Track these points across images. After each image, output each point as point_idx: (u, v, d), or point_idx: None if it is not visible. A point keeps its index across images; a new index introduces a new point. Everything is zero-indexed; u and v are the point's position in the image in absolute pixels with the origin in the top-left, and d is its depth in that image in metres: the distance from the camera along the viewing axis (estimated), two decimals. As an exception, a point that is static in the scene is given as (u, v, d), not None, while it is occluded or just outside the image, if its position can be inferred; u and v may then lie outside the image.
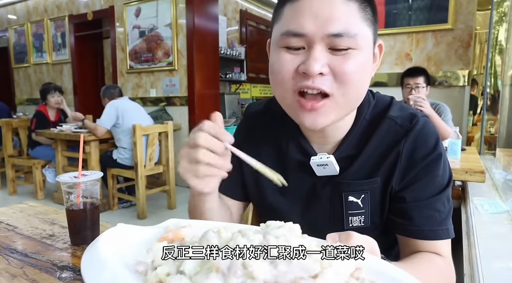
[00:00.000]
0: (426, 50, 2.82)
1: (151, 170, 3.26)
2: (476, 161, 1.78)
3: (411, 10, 2.81)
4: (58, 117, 3.94)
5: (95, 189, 0.82)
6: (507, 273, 0.90)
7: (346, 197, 0.69)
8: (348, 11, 0.56)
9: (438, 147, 0.66)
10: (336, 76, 0.57)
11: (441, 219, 0.66)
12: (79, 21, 4.96)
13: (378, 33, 0.68)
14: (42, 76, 5.60)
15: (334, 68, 0.57)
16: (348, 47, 0.57)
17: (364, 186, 0.68)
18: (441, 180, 0.66)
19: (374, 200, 0.69)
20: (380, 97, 0.73)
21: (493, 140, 2.55)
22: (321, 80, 0.57)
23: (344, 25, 0.56)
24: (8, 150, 3.89)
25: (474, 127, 2.60)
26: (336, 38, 0.56)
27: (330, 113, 0.60)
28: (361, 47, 0.58)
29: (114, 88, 3.43)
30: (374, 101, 0.71)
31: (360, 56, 0.58)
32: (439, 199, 0.66)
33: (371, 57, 0.62)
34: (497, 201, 1.50)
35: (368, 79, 0.62)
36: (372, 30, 0.61)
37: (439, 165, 0.65)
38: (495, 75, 2.50)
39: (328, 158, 0.67)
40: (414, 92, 2.31)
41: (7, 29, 5.92)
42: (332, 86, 0.58)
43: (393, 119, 0.68)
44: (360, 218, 0.69)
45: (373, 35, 0.62)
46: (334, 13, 0.56)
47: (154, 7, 4.09)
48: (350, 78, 0.57)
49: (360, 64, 0.58)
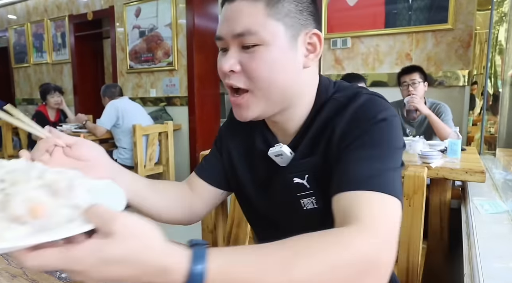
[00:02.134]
0: (426, 50, 2.82)
1: (151, 170, 3.26)
2: (476, 161, 1.78)
3: (411, 10, 2.81)
4: (58, 118, 3.94)
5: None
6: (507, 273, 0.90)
7: (291, 179, 0.69)
8: (252, 11, 0.61)
9: (376, 121, 0.61)
10: (246, 73, 0.63)
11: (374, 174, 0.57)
12: (79, 21, 4.96)
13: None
14: (42, 76, 5.60)
15: (244, 66, 0.63)
16: (255, 44, 0.61)
17: (303, 165, 0.68)
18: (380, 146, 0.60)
19: (319, 180, 0.67)
20: (344, 87, 0.71)
21: (493, 141, 2.54)
22: (234, 78, 0.64)
23: (245, 24, 0.61)
24: (8, 150, 3.89)
25: (474, 127, 2.60)
26: (241, 38, 0.62)
27: (253, 107, 0.65)
28: (269, 42, 0.61)
29: (114, 88, 3.43)
30: (333, 90, 0.71)
31: (268, 52, 0.62)
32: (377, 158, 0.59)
33: (289, 50, 0.63)
34: (497, 201, 1.50)
35: (290, 70, 0.64)
36: (287, 23, 0.63)
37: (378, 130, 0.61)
38: (495, 75, 2.50)
39: (281, 148, 0.69)
40: (411, 88, 2.32)
41: (7, 29, 5.92)
42: (246, 82, 0.64)
43: (336, 99, 0.68)
44: (312, 200, 0.69)
45: (290, 28, 0.63)
46: (238, 15, 0.62)
47: (154, 7, 4.09)
48: (258, 74, 0.62)
49: (268, 60, 0.62)
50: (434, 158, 1.70)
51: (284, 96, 0.66)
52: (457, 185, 2.08)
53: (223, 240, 1.12)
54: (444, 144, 1.99)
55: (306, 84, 0.69)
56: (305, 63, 0.66)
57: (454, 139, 1.84)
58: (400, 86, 2.43)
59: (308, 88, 0.69)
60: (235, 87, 0.65)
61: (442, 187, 1.78)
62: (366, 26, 2.99)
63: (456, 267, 1.63)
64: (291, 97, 0.67)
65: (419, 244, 0.94)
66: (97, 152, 0.67)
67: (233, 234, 1.06)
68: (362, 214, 0.52)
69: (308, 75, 0.68)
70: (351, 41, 3.09)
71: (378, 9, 2.92)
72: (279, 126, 0.72)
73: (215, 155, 0.85)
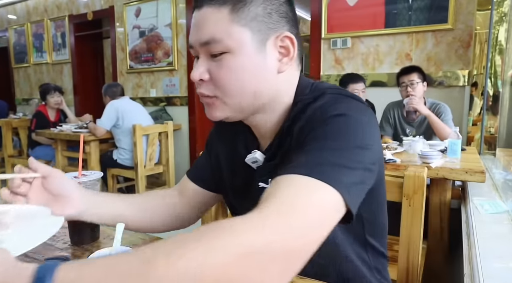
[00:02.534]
0: (426, 50, 2.82)
1: (151, 170, 3.26)
2: (476, 161, 1.78)
3: (411, 10, 2.81)
4: (58, 118, 3.94)
5: (95, 189, 0.82)
6: (507, 273, 0.90)
7: (257, 185, 0.69)
8: (216, 18, 0.59)
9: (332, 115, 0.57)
10: (214, 82, 0.62)
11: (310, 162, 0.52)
12: (79, 21, 4.96)
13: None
14: (42, 76, 5.60)
15: (212, 75, 0.62)
16: (222, 52, 0.60)
17: (266, 169, 0.68)
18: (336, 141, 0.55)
19: None
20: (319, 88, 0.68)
21: (493, 141, 2.54)
22: (203, 86, 0.63)
23: (210, 32, 0.59)
24: (8, 150, 3.89)
25: (474, 127, 2.60)
26: (207, 46, 0.60)
27: (223, 110, 0.64)
28: (235, 49, 0.59)
29: (116, 87, 3.41)
30: (308, 91, 0.68)
31: (235, 59, 0.60)
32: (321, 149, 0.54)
33: (257, 56, 0.61)
34: (497, 201, 1.50)
35: (260, 76, 0.62)
36: (253, 28, 0.60)
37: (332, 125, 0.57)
38: (495, 75, 2.50)
39: (255, 154, 0.69)
40: (410, 89, 2.32)
41: (7, 29, 5.92)
42: (213, 90, 0.63)
43: (302, 101, 0.65)
44: None
45: (257, 33, 0.60)
46: (204, 22, 0.60)
47: (154, 7, 4.09)
48: (225, 83, 0.61)
49: (236, 67, 0.60)
50: (434, 158, 1.70)
51: (255, 102, 0.64)
52: (457, 185, 2.08)
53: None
54: (444, 143, 1.99)
55: (281, 89, 0.66)
56: (279, 68, 0.64)
57: (454, 139, 1.84)
58: (399, 87, 2.43)
59: (285, 92, 0.67)
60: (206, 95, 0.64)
61: (442, 187, 1.78)
62: (366, 26, 2.99)
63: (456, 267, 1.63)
64: (265, 102, 0.65)
65: (419, 244, 0.94)
66: (69, 185, 0.70)
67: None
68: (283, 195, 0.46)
69: (284, 79, 0.65)
70: (351, 41, 3.09)
71: (378, 9, 2.92)
72: (258, 129, 0.72)
73: (206, 157, 0.85)
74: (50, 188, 0.69)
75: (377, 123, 0.64)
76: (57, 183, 0.70)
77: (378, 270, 0.73)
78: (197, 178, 0.84)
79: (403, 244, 0.95)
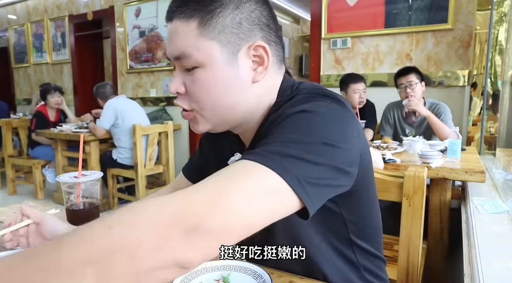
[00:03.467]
0: (426, 50, 2.82)
1: (151, 169, 3.26)
2: (476, 161, 1.78)
3: (411, 10, 2.81)
4: (58, 118, 3.94)
5: (95, 189, 0.82)
6: (507, 273, 0.90)
7: None
8: (185, 32, 0.58)
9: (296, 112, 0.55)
10: (189, 95, 0.62)
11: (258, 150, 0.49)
12: (79, 21, 4.96)
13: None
14: (42, 76, 5.60)
15: (187, 88, 0.62)
16: (193, 66, 0.59)
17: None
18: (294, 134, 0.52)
19: None
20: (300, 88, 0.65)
21: (493, 141, 2.54)
22: (180, 99, 0.63)
23: (180, 47, 0.59)
24: (8, 150, 3.89)
25: (474, 127, 2.60)
26: (178, 61, 0.60)
27: (203, 123, 0.64)
28: (205, 64, 0.59)
29: (103, 87, 3.37)
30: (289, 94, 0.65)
31: (206, 74, 0.59)
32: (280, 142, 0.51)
33: (228, 69, 0.59)
34: (497, 201, 1.50)
35: (232, 90, 0.60)
36: (221, 41, 0.58)
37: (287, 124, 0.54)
38: (495, 75, 2.50)
39: (236, 157, 0.69)
40: (409, 90, 2.32)
41: (7, 29, 5.92)
42: (190, 104, 0.63)
43: (277, 103, 0.64)
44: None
45: (227, 46, 0.58)
46: (174, 37, 0.60)
47: (154, 7, 4.09)
48: (198, 97, 0.61)
49: (207, 82, 0.59)
50: (434, 158, 1.70)
51: (234, 114, 0.63)
52: (457, 185, 2.08)
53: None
54: (444, 144, 1.99)
55: (260, 97, 0.64)
56: (254, 78, 0.62)
57: (454, 139, 1.84)
58: (398, 88, 2.43)
59: (265, 98, 0.65)
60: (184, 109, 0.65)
61: (442, 187, 1.78)
62: (366, 26, 2.99)
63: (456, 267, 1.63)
64: (245, 112, 0.64)
65: (419, 244, 0.94)
66: (59, 230, 0.72)
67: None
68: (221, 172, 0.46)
69: (261, 88, 0.63)
70: (351, 41, 3.09)
71: (378, 9, 2.92)
72: (243, 136, 0.72)
73: (199, 155, 0.87)
74: (43, 233, 0.73)
75: (356, 125, 0.59)
76: (49, 229, 0.72)
77: (369, 270, 0.73)
78: (190, 175, 0.86)
79: (403, 244, 0.95)
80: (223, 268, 0.66)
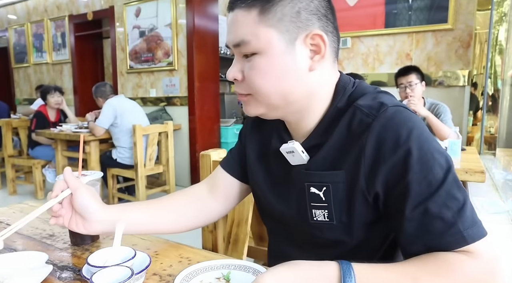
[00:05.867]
0: (426, 50, 2.82)
1: (151, 169, 3.26)
2: (476, 161, 1.78)
3: (411, 10, 2.81)
4: (58, 118, 3.94)
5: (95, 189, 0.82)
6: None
7: (308, 188, 0.67)
8: (246, 20, 0.62)
9: (411, 138, 0.57)
10: (247, 81, 0.65)
11: (448, 223, 0.55)
12: (79, 21, 4.96)
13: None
14: (42, 76, 5.60)
15: (244, 74, 0.65)
16: (252, 53, 0.62)
17: (325, 177, 0.65)
18: (428, 176, 0.56)
19: (339, 195, 0.64)
20: (363, 87, 0.69)
21: (493, 140, 2.54)
22: (238, 85, 0.67)
23: (239, 34, 0.62)
24: (8, 150, 3.89)
25: (474, 127, 2.60)
26: (238, 48, 0.63)
27: (257, 107, 0.67)
28: (264, 50, 0.61)
29: (104, 86, 3.40)
30: (352, 89, 0.68)
31: (264, 60, 0.62)
32: (435, 200, 0.55)
33: (286, 56, 0.62)
34: (497, 201, 1.50)
35: (289, 78, 0.63)
36: (280, 28, 0.61)
37: (418, 159, 0.57)
38: (495, 75, 2.50)
39: (293, 145, 0.68)
40: (409, 90, 2.32)
41: (7, 29, 5.92)
42: (247, 89, 0.66)
43: (359, 108, 0.63)
44: (324, 213, 0.66)
45: (285, 34, 0.61)
46: (235, 24, 0.63)
47: (154, 7, 4.09)
48: (255, 83, 0.63)
49: (265, 68, 0.62)
50: (434, 158, 1.70)
51: (288, 101, 0.65)
52: (457, 185, 2.07)
53: (223, 240, 1.12)
54: (444, 144, 1.99)
55: (316, 87, 0.65)
56: (311, 66, 0.63)
57: (454, 140, 1.84)
58: (398, 88, 2.43)
59: (320, 90, 0.66)
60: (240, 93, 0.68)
61: (442, 187, 1.77)
62: (366, 26, 2.99)
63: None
64: (298, 101, 0.65)
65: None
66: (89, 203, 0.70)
67: (233, 234, 1.06)
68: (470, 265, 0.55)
69: (317, 77, 0.65)
70: (351, 41, 3.09)
71: (378, 9, 2.92)
72: (292, 126, 0.72)
73: (239, 148, 0.86)
74: (73, 205, 0.70)
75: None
76: (78, 204, 0.69)
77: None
78: (229, 168, 0.84)
79: (403, 244, 0.95)
80: (222, 266, 0.66)
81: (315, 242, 0.70)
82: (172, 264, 0.71)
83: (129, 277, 0.56)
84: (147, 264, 0.62)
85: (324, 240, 0.68)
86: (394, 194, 0.59)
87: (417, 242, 0.57)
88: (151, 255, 0.72)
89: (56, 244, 0.80)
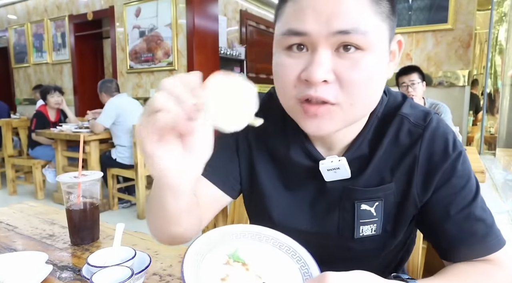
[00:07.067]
0: (426, 50, 2.83)
1: (151, 170, 3.26)
2: (476, 161, 1.77)
3: (411, 10, 2.81)
4: (58, 118, 3.94)
5: (95, 189, 0.82)
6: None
7: (358, 206, 0.61)
8: (357, 5, 0.48)
9: (457, 144, 0.58)
10: (343, 84, 0.50)
11: (488, 227, 0.59)
12: (79, 21, 4.96)
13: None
14: (42, 76, 5.60)
15: (340, 75, 0.49)
16: (358, 47, 0.49)
17: (379, 192, 0.60)
18: (470, 181, 0.59)
19: (388, 207, 0.61)
20: (393, 93, 0.65)
21: (493, 141, 2.54)
22: (325, 89, 0.49)
23: (352, 20, 0.47)
24: (8, 150, 3.89)
25: (474, 127, 2.60)
26: (343, 36, 0.48)
27: (336, 120, 0.53)
28: (373, 46, 0.49)
29: (110, 82, 3.45)
30: (387, 98, 0.63)
31: (371, 59, 0.50)
32: (476, 205, 0.58)
33: (386, 57, 0.54)
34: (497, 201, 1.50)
35: (382, 82, 0.54)
36: (388, 25, 0.52)
37: (463, 164, 0.58)
38: (495, 75, 2.50)
39: (339, 161, 0.59)
40: (410, 89, 2.32)
41: (7, 29, 5.92)
42: (338, 96, 0.50)
43: (406, 117, 0.59)
44: (372, 227, 0.62)
45: (390, 31, 0.53)
46: (340, 8, 0.47)
47: (154, 7, 4.09)
48: (359, 87, 0.50)
49: (371, 69, 0.50)
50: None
51: (369, 110, 0.57)
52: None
53: (223, 240, 1.12)
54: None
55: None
56: (388, 73, 0.56)
57: (454, 139, 1.84)
58: (399, 87, 2.43)
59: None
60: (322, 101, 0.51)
61: (442, 187, 1.77)
62: (366, 26, 2.99)
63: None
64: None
65: (419, 244, 0.94)
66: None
67: (233, 234, 1.06)
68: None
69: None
70: (351, 41, 3.09)
71: (378, 9, 2.93)
72: (325, 139, 0.61)
73: (230, 158, 0.69)
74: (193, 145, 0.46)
75: None
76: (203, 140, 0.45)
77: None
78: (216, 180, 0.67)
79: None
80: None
81: (344, 255, 0.66)
82: (172, 264, 0.71)
83: (129, 277, 0.56)
84: (147, 264, 0.62)
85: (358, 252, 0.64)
86: (438, 197, 0.59)
87: (462, 245, 0.58)
88: (151, 255, 0.72)
89: (56, 244, 0.81)
